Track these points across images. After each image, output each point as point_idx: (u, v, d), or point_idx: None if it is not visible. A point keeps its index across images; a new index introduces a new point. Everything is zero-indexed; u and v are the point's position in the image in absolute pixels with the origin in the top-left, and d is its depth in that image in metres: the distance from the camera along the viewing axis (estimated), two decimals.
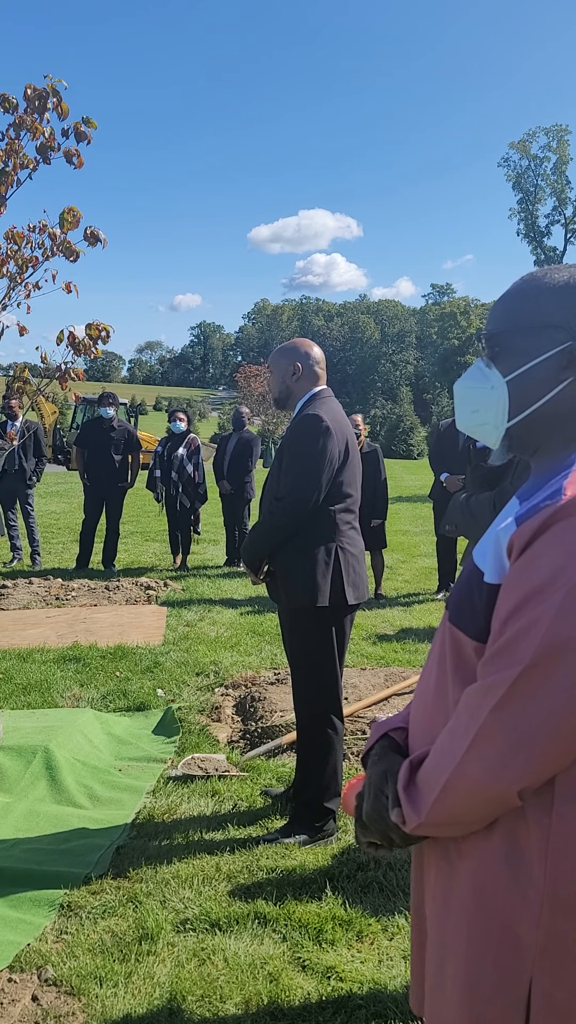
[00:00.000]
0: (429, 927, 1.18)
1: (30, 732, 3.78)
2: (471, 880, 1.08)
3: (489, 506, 2.54)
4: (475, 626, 1.10)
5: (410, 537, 11.25)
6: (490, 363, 1.18)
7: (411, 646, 5.67)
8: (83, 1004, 2.15)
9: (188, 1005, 2.15)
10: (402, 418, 42.52)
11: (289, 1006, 2.14)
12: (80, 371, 4.17)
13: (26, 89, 3.74)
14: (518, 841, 1.04)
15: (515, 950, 1.03)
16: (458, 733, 1.04)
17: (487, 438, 1.20)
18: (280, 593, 3.07)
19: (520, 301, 1.16)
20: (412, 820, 1.09)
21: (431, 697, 1.18)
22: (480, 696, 1.03)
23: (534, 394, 1.14)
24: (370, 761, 1.23)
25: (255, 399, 39.00)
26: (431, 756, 1.09)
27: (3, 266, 3.93)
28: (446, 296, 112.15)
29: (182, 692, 4.67)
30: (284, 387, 3.08)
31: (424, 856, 1.21)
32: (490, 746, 1.00)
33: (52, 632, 5.94)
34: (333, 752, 3.06)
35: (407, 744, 1.23)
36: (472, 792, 1.03)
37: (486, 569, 1.11)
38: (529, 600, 1.00)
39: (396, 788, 1.12)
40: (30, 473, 8.59)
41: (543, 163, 44.43)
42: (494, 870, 1.06)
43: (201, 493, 8.59)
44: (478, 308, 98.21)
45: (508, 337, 1.16)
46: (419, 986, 1.25)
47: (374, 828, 1.17)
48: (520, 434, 1.16)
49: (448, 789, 1.04)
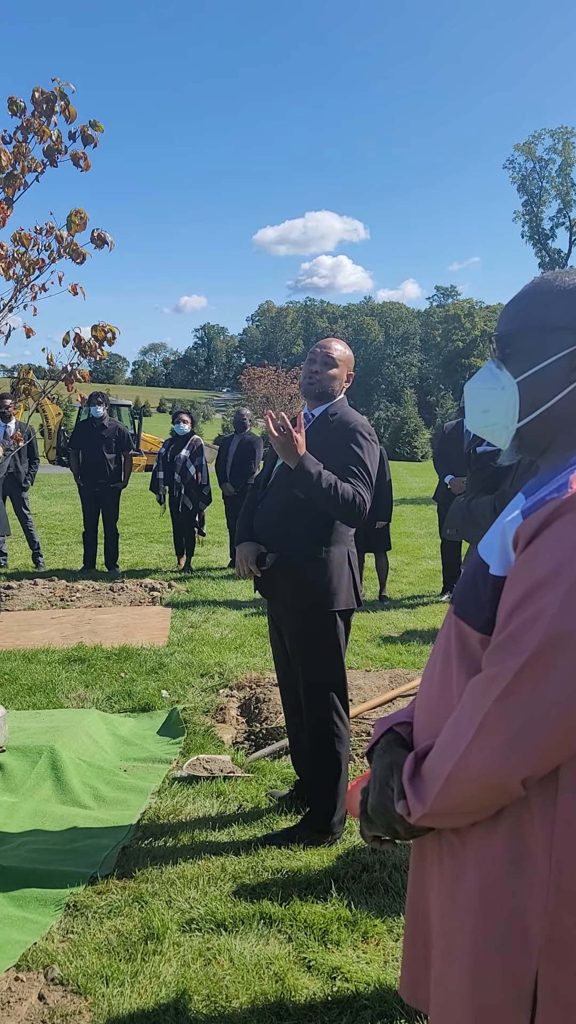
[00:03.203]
0: (434, 920, 1.19)
1: (35, 733, 3.79)
2: (476, 872, 1.09)
3: (490, 509, 2.55)
4: (480, 618, 1.12)
5: (414, 539, 11.25)
6: (501, 364, 1.20)
7: (415, 648, 5.67)
8: (89, 1003, 2.16)
9: (194, 1005, 2.15)
10: (406, 420, 42.54)
11: (294, 1006, 2.14)
12: (86, 372, 4.18)
13: (34, 92, 3.75)
14: (523, 832, 1.05)
15: (521, 942, 1.04)
16: (462, 723, 1.06)
17: (497, 438, 1.22)
18: (286, 592, 3.01)
19: (531, 304, 1.19)
20: (417, 810, 1.09)
21: (436, 689, 1.19)
22: (485, 686, 1.04)
23: (544, 395, 1.16)
24: (375, 755, 1.24)
25: (259, 401, 39.03)
26: (436, 747, 1.10)
27: (10, 268, 3.95)
28: (450, 298, 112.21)
29: (187, 693, 4.68)
30: (338, 385, 3.06)
31: (426, 851, 1.22)
32: (495, 735, 1.02)
33: (57, 633, 5.96)
34: (346, 749, 3.09)
35: (412, 739, 1.24)
36: (476, 781, 1.04)
37: (491, 562, 1.13)
38: (534, 592, 1.02)
39: (401, 780, 1.13)
40: (25, 476, 8.57)
41: (548, 165, 44.50)
42: (499, 862, 1.07)
43: (205, 495, 8.60)
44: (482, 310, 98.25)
45: (518, 339, 1.18)
46: (409, 975, 1.27)
47: (379, 821, 1.18)
48: (530, 434, 1.18)
49: (453, 778, 1.05)
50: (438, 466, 7.34)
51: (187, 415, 8.85)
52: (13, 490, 8.52)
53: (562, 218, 45.08)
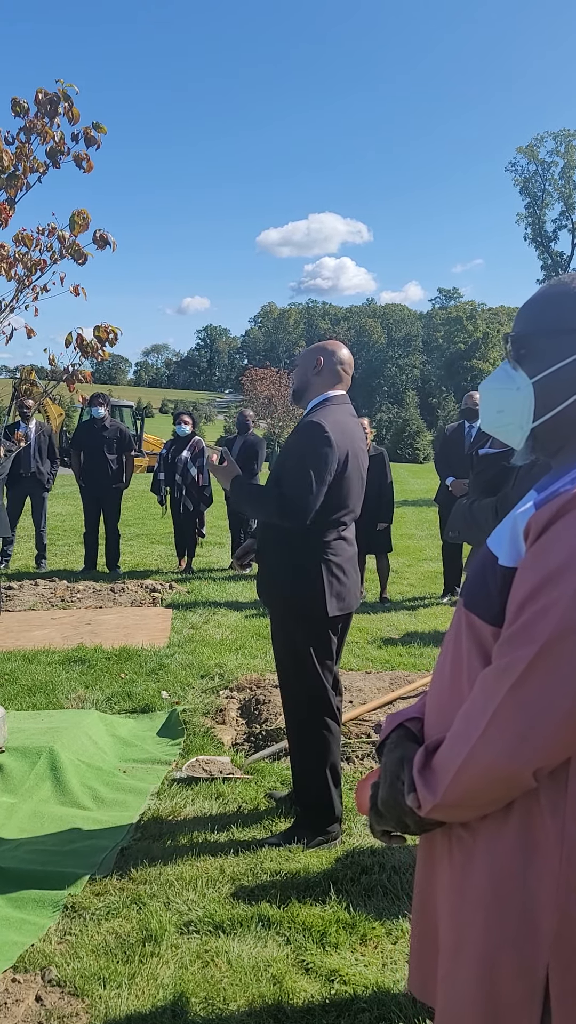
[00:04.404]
0: (442, 915, 1.19)
1: (35, 733, 3.79)
2: (487, 866, 1.09)
3: (491, 512, 2.55)
4: (490, 611, 1.12)
5: (415, 541, 11.24)
6: (516, 365, 1.21)
7: (416, 650, 5.66)
8: (87, 1005, 2.16)
9: (191, 1007, 2.15)
10: (408, 422, 42.52)
11: (292, 1009, 2.14)
12: (88, 373, 4.18)
13: (37, 93, 3.76)
14: (533, 826, 1.05)
15: (532, 935, 1.04)
16: (474, 714, 1.06)
17: (511, 438, 1.23)
18: (264, 597, 3.12)
19: (546, 306, 1.20)
20: (428, 802, 1.10)
21: (447, 682, 1.19)
22: (496, 677, 1.04)
23: (559, 396, 1.17)
24: (386, 749, 1.25)
25: (261, 402, 39.02)
26: (447, 739, 1.11)
27: (11, 269, 3.95)
28: (453, 300, 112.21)
29: (187, 694, 4.68)
30: (304, 380, 3.07)
31: (435, 845, 1.22)
32: (507, 726, 1.02)
33: (57, 634, 5.96)
34: (329, 753, 3.04)
35: (422, 734, 1.24)
36: (488, 772, 1.04)
37: (500, 553, 1.13)
38: (546, 583, 1.02)
39: (412, 773, 1.13)
40: (48, 476, 8.61)
41: (551, 168, 44.49)
42: (510, 855, 1.07)
43: (207, 496, 8.61)
44: (485, 312, 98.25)
45: (534, 340, 1.19)
46: (418, 969, 1.27)
47: (389, 815, 1.18)
48: (544, 435, 1.19)
49: (464, 769, 1.05)
50: (439, 468, 7.34)
51: (189, 416, 8.86)
52: (35, 491, 8.54)
53: (565, 220, 45.08)
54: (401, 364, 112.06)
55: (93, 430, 8.45)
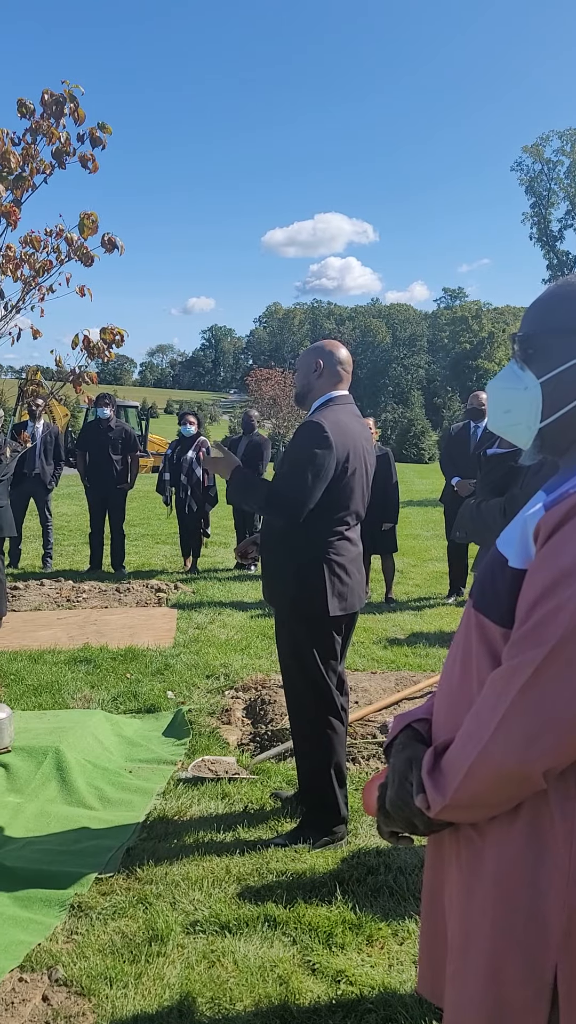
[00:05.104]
0: (450, 915, 1.19)
1: (41, 733, 3.80)
2: (495, 867, 1.09)
3: (499, 512, 2.55)
4: (499, 612, 1.12)
5: (421, 541, 11.23)
6: (523, 365, 1.20)
7: (421, 650, 5.66)
8: (93, 1005, 2.16)
9: (198, 1007, 2.15)
10: (413, 422, 42.53)
11: (299, 1009, 2.14)
12: (93, 374, 4.19)
13: (43, 94, 3.77)
14: (541, 826, 1.05)
15: (540, 935, 1.04)
16: (484, 715, 1.06)
17: (519, 438, 1.22)
18: (267, 596, 3.13)
19: (554, 305, 1.19)
20: (437, 803, 1.09)
21: (456, 684, 1.19)
22: (506, 678, 1.04)
23: (567, 396, 1.16)
24: (394, 750, 1.24)
25: (266, 403, 39.04)
26: (457, 739, 1.11)
27: (18, 270, 3.96)
28: (458, 300, 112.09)
29: (192, 694, 4.68)
30: (306, 383, 3.09)
31: (443, 845, 1.22)
32: (517, 726, 1.02)
33: (63, 634, 5.97)
34: (334, 754, 3.04)
35: (430, 735, 1.24)
36: (497, 773, 1.04)
37: (510, 555, 1.13)
38: (556, 585, 1.02)
39: (421, 774, 1.13)
40: (50, 477, 8.64)
41: (556, 167, 44.33)
42: (518, 856, 1.07)
43: (212, 496, 8.62)
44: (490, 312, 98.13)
45: (541, 339, 1.19)
46: (428, 970, 1.27)
47: (398, 816, 1.18)
48: (552, 435, 1.19)
49: (473, 770, 1.05)
50: (445, 468, 7.33)
51: (194, 416, 8.87)
52: (38, 491, 8.57)
53: (570, 220, 44.88)
54: (406, 364, 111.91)
55: (98, 431, 8.47)
